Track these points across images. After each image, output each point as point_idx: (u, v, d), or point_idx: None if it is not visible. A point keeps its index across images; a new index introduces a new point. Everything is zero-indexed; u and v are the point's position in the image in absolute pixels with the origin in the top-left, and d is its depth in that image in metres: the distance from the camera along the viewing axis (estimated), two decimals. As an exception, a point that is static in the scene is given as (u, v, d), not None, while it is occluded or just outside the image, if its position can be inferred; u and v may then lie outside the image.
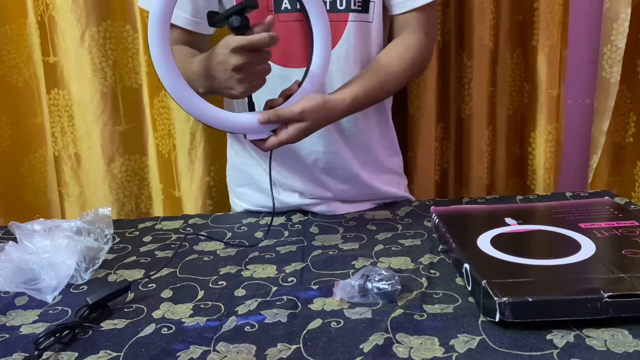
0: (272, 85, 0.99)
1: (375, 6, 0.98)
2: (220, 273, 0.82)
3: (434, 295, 0.71)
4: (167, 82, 0.82)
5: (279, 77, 0.98)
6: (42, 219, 0.86)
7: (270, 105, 0.88)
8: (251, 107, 0.88)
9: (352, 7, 0.96)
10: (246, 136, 0.87)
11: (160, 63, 0.81)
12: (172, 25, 0.99)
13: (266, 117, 0.85)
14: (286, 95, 0.89)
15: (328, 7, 0.95)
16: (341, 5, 0.96)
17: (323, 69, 0.91)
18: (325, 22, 0.90)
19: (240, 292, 0.75)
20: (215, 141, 1.32)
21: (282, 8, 0.95)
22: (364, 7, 0.97)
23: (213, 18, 0.84)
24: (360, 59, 1.00)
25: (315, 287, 0.76)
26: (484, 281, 0.64)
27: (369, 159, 1.08)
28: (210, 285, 0.78)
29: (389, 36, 1.05)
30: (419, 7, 0.99)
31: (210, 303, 0.73)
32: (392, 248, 0.87)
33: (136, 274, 0.83)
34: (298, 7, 0.95)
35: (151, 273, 0.82)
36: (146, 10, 1.11)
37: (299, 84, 0.90)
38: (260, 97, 1.00)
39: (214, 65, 0.84)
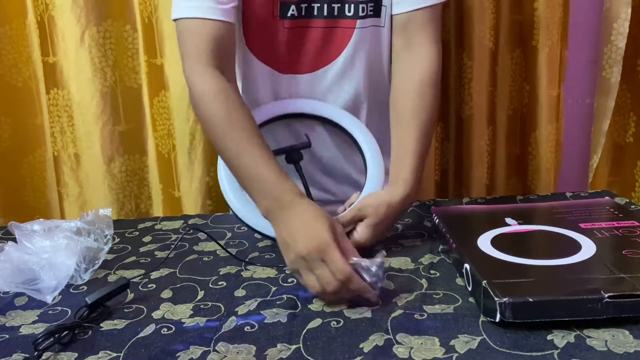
0: (275, 91, 0.99)
1: (387, 10, 0.96)
2: (220, 273, 0.82)
3: (434, 296, 0.71)
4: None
5: (286, 85, 0.98)
6: (41, 219, 0.86)
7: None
8: None
9: (361, 13, 0.94)
10: None
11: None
12: (205, 27, 0.86)
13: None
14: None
15: (336, 13, 0.94)
16: (349, 11, 0.95)
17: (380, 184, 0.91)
18: (373, 142, 0.92)
19: (240, 292, 0.75)
20: (215, 141, 1.32)
21: (289, 15, 0.94)
22: (376, 12, 0.95)
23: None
24: (369, 65, 0.98)
25: (315, 287, 0.75)
26: (485, 281, 0.64)
27: None
28: (210, 285, 0.78)
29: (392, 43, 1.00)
30: (428, 7, 0.92)
31: (210, 303, 0.73)
32: (392, 248, 0.87)
33: (136, 274, 0.83)
34: (303, 13, 0.94)
35: (150, 272, 0.82)
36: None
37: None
38: (264, 104, 1.00)
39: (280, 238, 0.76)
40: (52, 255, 0.80)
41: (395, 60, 0.96)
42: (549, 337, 0.59)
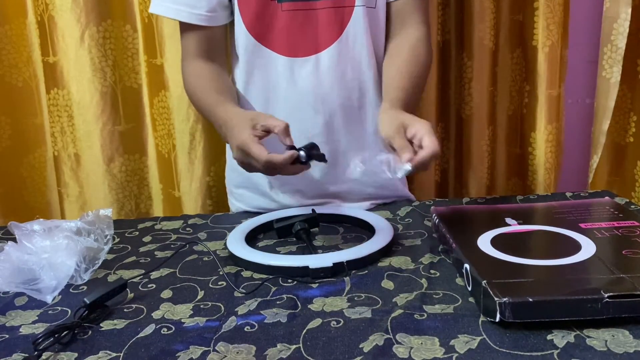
0: (277, 75, 1.00)
1: None
2: (220, 273, 0.82)
3: (434, 296, 0.71)
4: None
5: (283, 67, 0.98)
6: (41, 219, 0.86)
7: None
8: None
9: None
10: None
11: None
12: (190, 26, 1.00)
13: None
14: None
15: None
16: None
17: None
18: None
19: (240, 292, 0.75)
20: (215, 141, 1.32)
21: None
22: None
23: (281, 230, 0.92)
24: (368, 45, 0.99)
25: (315, 286, 0.75)
26: (484, 281, 0.64)
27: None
28: (210, 285, 0.78)
29: (386, 28, 1.04)
30: None
31: (210, 303, 0.73)
32: (392, 248, 0.87)
33: (136, 275, 0.83)
34: None
35: (149, 271, 0.82)
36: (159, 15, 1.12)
37: None
38: (266, 89, 1.00)
39: (229, 141, 0.89)
40: (52, 255, 0.80)
41: (389, 40, 1.03)
42: (549, 337, 0.59)
